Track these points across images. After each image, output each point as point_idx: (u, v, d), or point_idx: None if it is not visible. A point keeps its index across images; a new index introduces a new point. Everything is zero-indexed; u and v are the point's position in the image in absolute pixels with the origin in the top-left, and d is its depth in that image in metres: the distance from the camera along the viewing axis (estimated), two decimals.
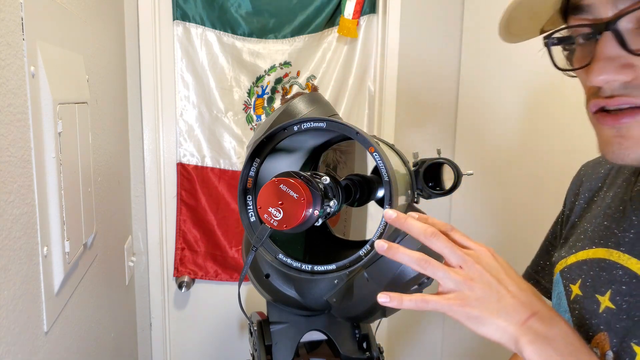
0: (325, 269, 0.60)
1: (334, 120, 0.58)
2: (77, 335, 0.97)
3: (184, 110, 1.69)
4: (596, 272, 0.58)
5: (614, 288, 0.55)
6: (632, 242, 0.54)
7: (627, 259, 0.54)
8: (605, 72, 0.45)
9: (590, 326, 0.57)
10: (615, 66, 0.45)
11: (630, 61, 0.44)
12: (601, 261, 0.58)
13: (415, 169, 0.69)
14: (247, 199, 0.62)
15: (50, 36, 0.82)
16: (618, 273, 0.55)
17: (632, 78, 0.44)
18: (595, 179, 0.67)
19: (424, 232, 0.50)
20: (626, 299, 0.53)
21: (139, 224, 1.69)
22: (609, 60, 0.45)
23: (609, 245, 0.57)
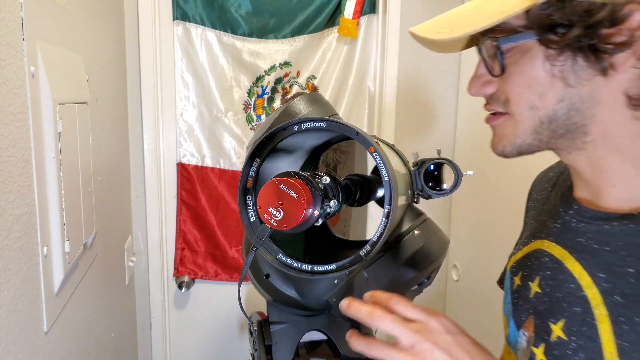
0: (325, 269, 0.60)
1: (334, 120, 0.58)
2: (77, 335, 0.97)
3: (184, 110, 1.69)
4: (532, 262, 0.65)
5: (541, 274, 0.61)
6: (558, 231, 0.62)
7: (553, 246, 0.61)
8: (472, 87, 0.60)
9: (523, 311, 0.62)
10: (480, 83, 0.59)
11: (492, 79, 0.57)
12: (536, 252, 0.65)
13: (415, 169, 0.69)
14: (247, 199, 0.62)
15: (50, 36, 0.82)
16: (545, 260, 0.62)
17: (493, 91, 0.58)
18: (543, 182, 0.76)
19: (370, 316, 0.53)
20: (549, 283, 0.59)
21: (139, 224, 1.69)
22: (477, 79, 0.59)
23: (542, 236, 0.65)
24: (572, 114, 0.53)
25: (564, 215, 0.62)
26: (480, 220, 1.68)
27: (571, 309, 0.54)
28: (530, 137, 0.56)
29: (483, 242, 1.63)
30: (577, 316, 0.53)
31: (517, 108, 0.55)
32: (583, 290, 0.54)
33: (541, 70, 0.53)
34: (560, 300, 0.56)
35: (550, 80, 0.53)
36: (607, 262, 0.53)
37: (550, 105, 0.53)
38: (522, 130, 0.56)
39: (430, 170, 0.68)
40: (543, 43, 0.51)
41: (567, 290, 0.56)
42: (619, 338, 0.49)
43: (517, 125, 0.56)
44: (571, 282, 0.56)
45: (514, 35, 0.52)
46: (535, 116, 0.55)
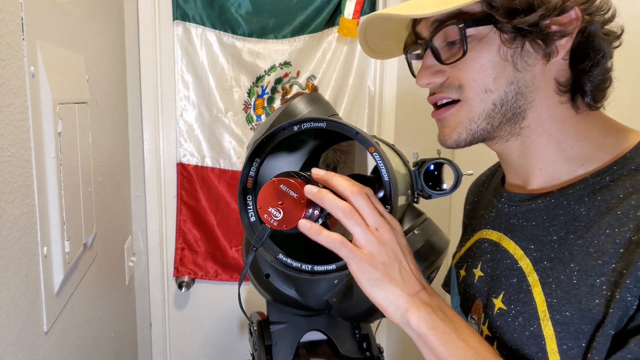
0: (325, 269, 0.60)
1: (334, 120, 0.58)
2: (77, 335, 0.97)
3: (184, 110, 1.69)
4: (474, 252, 0.70)
5: (483, 259, 0.66)
6: (493, 218, 0.68)
7: (491, 232, 0.67)
8: (424, 77, 0.61)
9: (470, 297, 0.67)
10: (431, 72, 0.60)
11: (442, 68, 0.60)
12: (477, 242, 0.70)
13: (415, 169, 0.69)
14: (247, 199, 0.62)
15: (50, 36, 0.82)
16: (485, 245, 0.67)
17: (444, 79, 0.60)
18: (477, 186, 0.82)
19: (350, 189, 0.52)
20: (489, 264, 0.65)
21: (139, 224, 1.69)
22: (427, 68, 0.61)
23: (481, 227, 0.70)
24: (518, 97, 0.57)
25: (497, 204, 0.68)
26: None
27: (509, 281, 0.60)
28: (485, 122, 0.59)
29: None
30: (514, 286, 0.58)
31: (471, 92, 0.58)
32: (518, 262, 0.59)
33: (496, 54, 0.56)
34: (499, 276, 0.61)
35: (503, 64, 0.56)
36: (535, 234, 0.59)
37: (502, 87, 0.57)
38: (477, 114, 0.59)
39: (430, 170, 0.68)
40: (500, 28, 0.55)
41: (504, 266, 0.61)
42: (549, 297, 0.54)
43: (471, 110, 0.59)
44: (507, 258, 0.61)
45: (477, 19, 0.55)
46: (488, 99, 0.58)
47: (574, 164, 0.59)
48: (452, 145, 0.62)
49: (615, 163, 0.56)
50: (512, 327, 0.57)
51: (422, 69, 0.61)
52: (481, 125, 0.59)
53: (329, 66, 1.71)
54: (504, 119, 0.59)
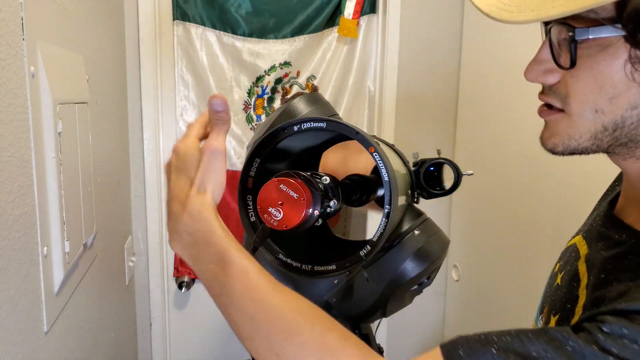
0: (325, 269, 0.60)
1: (334, 120, 0.58)
2: (77, 335, 0.97)
3: (184, 110, 1.68)
4: (566, 255, 0.65)
5: (567, 268, 0.61)
6: (588, 227, 0.62)
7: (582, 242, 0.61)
8: (531, 72, 0.52)
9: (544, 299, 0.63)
10: (541, 69, 0.51)
11: (556, 68, 0.50)
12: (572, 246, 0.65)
13: (415, 169, 0.69)
14: (247, 199, 0.62)
15: (50, 36, 0.82)
16: (572, 255, 0.62)
17: (555, 81, 0.50)
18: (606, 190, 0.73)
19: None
20: (565, 277, 0.60)
21: (139, 224, 1.69)
22: (537, 63, 0.51)
23: (579, 233, 0.65)
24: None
25: (594, 212, 0.63)
26: (480, 220, 1.68)
27: (565, 305, 0.55)
28: (588, 142, 0.51)
29: (483, 242, 1.63)
30: (567, 312, 0.54)
31: (577, 107, 0.50)
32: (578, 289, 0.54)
33: (620, 71, 0.47)
34: (564, 295, 0.57)
35: (627, 84, 0.47)
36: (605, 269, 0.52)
37: (620, 111, 0.48)
38: (580, 133, 0.51)
39: (430, 170, 0.69)
40: (631, 42, 0.45)
41: (570, 287, 0.56)
42: None
43: (573, 127, 0.51)
44: (575, 280, 0.56)
45: (596, 28, 0.46)
46: (598, 121, 0.49)
47: None
48: (548, 151, 0.55)
49: None
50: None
51: (534, 61, 0.52)
52: (583, 144, 0.51)
53: (329, 66, 1.71)
54: (617, 142, 0.50)
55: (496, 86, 1.55)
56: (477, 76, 1.69)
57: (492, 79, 1.58)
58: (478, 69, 1.68)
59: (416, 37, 1.71)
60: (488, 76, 1.60)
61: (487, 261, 1.61)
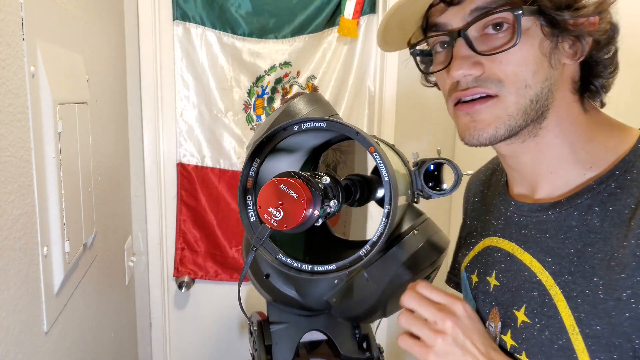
0: (325, 269, 0.60)
1: (334, 120, 0.58)
2: (77, 335, 0.97)
3: (184, 110, 1.68)
4: (485, 259, 0.69)
5: (496, 268, 0.65)
6: (503, 227, 0.67)
7: (502, 241, 0.66)
8: (461, 67, 0.56)
9: (485, 305, 0.66)
10: (469, 63, 0.56)
11: (479, 60, 0.56)
12: (487, 249, 0.69)
13: (415, 169, 0.69)
14: (247, 199, 0.62)
15: (50, 36, 0.82)
16: (497, 254, 0.66)
17: (481, 72, 0.56)
18: (477, 185, 0.80)
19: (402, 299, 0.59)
20: (505, 275, 0.64)
21: (139, 224, 1.69)
22: (464, 59, 0.57)
23: (489, 234, 0.69)
24: (548, 95, 0.56)
25: (505, 212, 0.67)
26: None
27: (529, 294, 0.59)
28: (522, 119, 0.56)
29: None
30: (536, 299, 0.58)
31: (511, 87, 0.55)
32: (536, 275, 0.59)
33: (538, 48, 0.54)
34: (518, 288, 0.61)
35: (542, 59, 0.55)
36: (550, 247, 0.58)
37: (539, 83, 0.55)
38: (516, 110, 0.56)
39: (430, 170, 0.68)
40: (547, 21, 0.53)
41: (523, 278, 0.60)
42: (575, 311, 0.53)
43: (509, 107, 0.56)
44: (524, 270, 0.60)
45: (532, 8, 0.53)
46: (527, 95, 0.55)
47: (583, 167, 0.58)
48: (486, 141, 0.58)
49: (617, 167, 0.56)
50: (539, 340, 0.56)
51: (457, 59, 0.57)
52: (518, 122, 0.56)
53: (329, 66, 1.71)
54: (536, 115, 0.57)
55: None
56: None
57: None
58: None
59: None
60: None
61: None
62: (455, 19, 0.57)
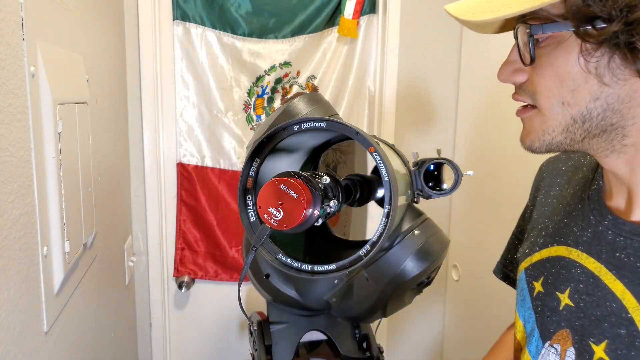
0: (325, 269, 0.60)
1: (334, 120, 0.58)
2: (77, 335, 0.97)
3: (184, 110, 1.69)
4: (557, 270, 0.61)
5: (572, 286, 0.58)
6: (590, 241, 0.58)
7: (585, 258, 0.58)
8: (502, 72, 0.56)
9: (551, 322, 0.59)
10: (511, 70, 0.55)
11: (523, 67, 0.54)
12: (561, 259, 0.61)
13: (415, 169, 0.69)
14: (247, 199, 0.62)
15: (50, 36, 0.82)
16: (577, 271, 0.58)
17: (523, 80, 0.54)
18: (554, 175, 0.72)
19: None
20: (583, 298, 0.56)
21: (139, 224, 1.69)
22: (508, 64, 0.55)
23: (568, 243, 0.61)
24: (608, 115, 0.50)
25: (596, 224, 0.58)
26: (480, 220, 1.68)
27: (614, 330, 0.52)
28: (562, 136, 0.53)
29: (483, 242, 1.63)
30: (623, 339, 0.51)
31: (545, 102, 0.53)
32: (628, 311, 0.51)
33: (575, 64, 0.50)
34: (601, 319, 0.53)
35: (585, 76, 0.50)
36: None
37: (584, 103, 0.51)
38: (552, 127, 0.53)
39: (430, 170, 0.68)
40: (580, 36, 0.48)
41: (609, 310, 0.53)
42: None
43: (545, 122, 0.53)
44: (612, 300, 0.53)
45: (549, 24, 0.50)
46: (566, 113, 0.52)
47: None
48: (526, 149, 0.57)
49: None
50: None
51: (504, 63, 0.56)
52: (557, 138, 0.53)
53: (329, 66, 1.71)
54: (589, 134, 0.52)
55: (496, 86, 1.55)
56: (477, 76, 1.69)
57: (492, 79, 1.57)
58: (478, 69, 1.68)
59: (416, 37, 1.71)
60: (488, 76, 1.60)
61: (487, 261, 1.61)
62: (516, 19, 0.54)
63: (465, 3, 0.54)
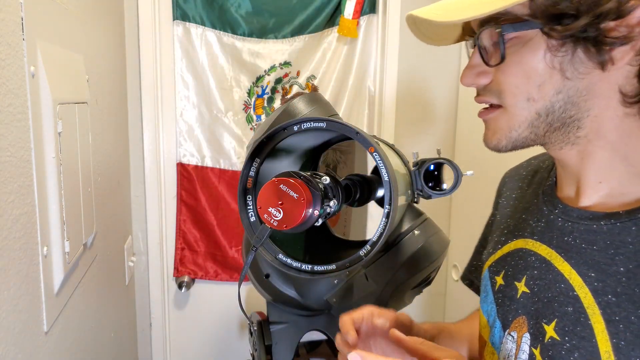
0: (325, 269, 0.60)
1: (334, 120, 0.58)
2: (77, 335, 0.97)
3: (184, 110, 1.69)
4: (515, 262, 0.64)
5: (528, 274, 0.60)
6: (543, 230, 0.61)
7: (539, 246, 0.61)
8: (467, 77, 0.58)
9: (510, 311, 0.61)
10: (475, 73, 0.57)
11: (487, 70, 0.56)
12: (519, 251, 0.64)
13: (415, 169, 0.69)
14: (247, 199, 0.62)
15: (50, 36, 0.82)
16: (531, 259, 0.61)
17: (488, 81, 0.56)
18: (515, 180, 0.75)
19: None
20: (537, 282, 0.59)
21: (139, 224, 1.69)
22: (471, 68, 0.57)
23: (525, 235, 0.64)
24: (568, 107, 0.53)
25: (548, 214, 0.62)
26: (480, 220, 1.67)
27: (563, 308, 0.54)
28: (527, 131, 0.55)
29: None
30: (570, 316, 0.53)
31: (512, 100, 0.55)
32: (574, 290, 0.54)
33: (542, 61, 0.52)
34: (551, 300, 0.56)
35: (550, 72, 0.52)
36: (596, 261, 0.53)
37: (548, 97, 0.53)
38: (518, 123, 0.55)
39: (430, 170, 0.69)
40: (546, 33, 0.50)
41: (558, 290, 0.55)
42: (614, 337, 0.48)
43: (512, 119, 0.55)
44: (561, 281, 0.55)
45: (519, 23, 0.51)
46: (531, 108, 0.54)
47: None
48: (492, 149, 0.59)
49: None
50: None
51: (466, 67, 0.58)
52: (523, 134, 0.55)
53: (329, 66, 1.71)
54: (551, 128, 0.55)
55: None
56: None
57: None
58: None
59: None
60: None
61: None
62: (475, 26, 0.57)
63: (433, 7, 0.56)
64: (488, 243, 0.75)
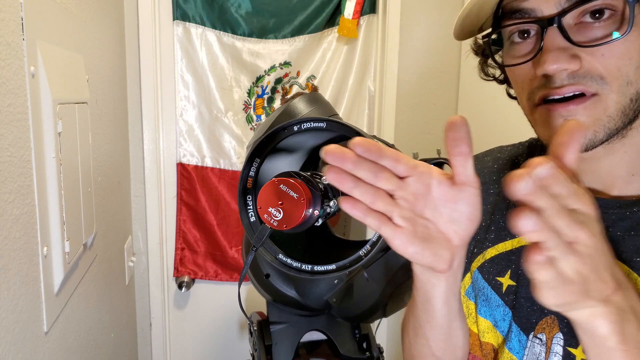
0: (325, 269, 0.60)
1: (334, 120, 0.58)
2: (77, 335, 0.97)
3: (184, 110, 1.69)
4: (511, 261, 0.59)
5: None
6: None
7: None
8: (558, 61, 0.49)
9: (532, 313, 0.57)
10: (566, 56, 0.49)
11: (576, 52, 0.49)
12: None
13: None
14: (247, 199, 0.62)
15: (50, 36, 0.82)
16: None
17: (578, 67, 0.49)
18: (485, 174, 0.69)
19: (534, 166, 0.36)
20: None
21: (139, 224, 1.69)
22: (560, 51, 0.49)
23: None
24: None
25: None
26: None
27: None
28: (620, 120, 0.49)
29: None
30: None
31: (615, 84, 0.48)
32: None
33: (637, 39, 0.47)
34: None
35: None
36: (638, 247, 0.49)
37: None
38: (616, 110, 0.49)
39: None
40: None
41: None
42: None
43: (609, 107, 0.49)
44: None
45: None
46: (627, 93, 0.48)
47: None
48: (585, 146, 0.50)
49: None
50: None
51: (551, 51, 0.49)
52: (617, 124, 0.49)
53: (329, 66, 1.71)
54: (633, 116, 0.50)
55: (496, 86, 1.55)
56: (477, 76, 1.69)
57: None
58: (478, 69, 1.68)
59: (416, 37, 1.71)
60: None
61: None
62: (547, 4, 0.50)
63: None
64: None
